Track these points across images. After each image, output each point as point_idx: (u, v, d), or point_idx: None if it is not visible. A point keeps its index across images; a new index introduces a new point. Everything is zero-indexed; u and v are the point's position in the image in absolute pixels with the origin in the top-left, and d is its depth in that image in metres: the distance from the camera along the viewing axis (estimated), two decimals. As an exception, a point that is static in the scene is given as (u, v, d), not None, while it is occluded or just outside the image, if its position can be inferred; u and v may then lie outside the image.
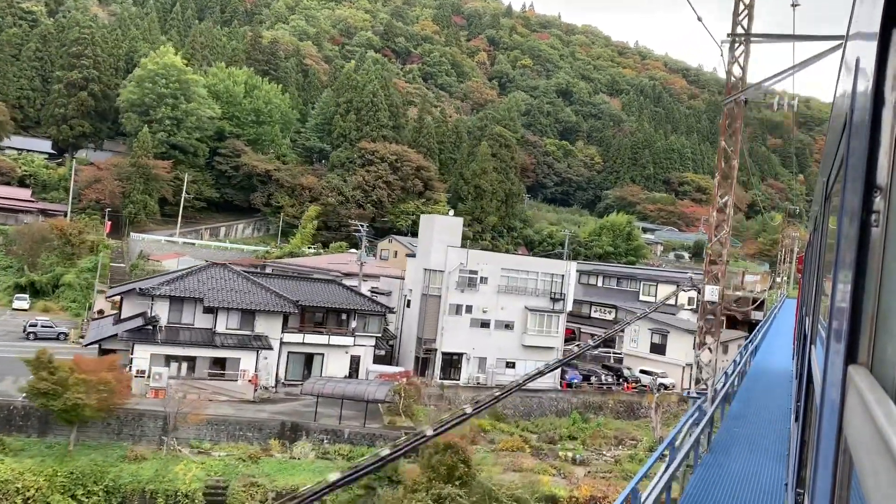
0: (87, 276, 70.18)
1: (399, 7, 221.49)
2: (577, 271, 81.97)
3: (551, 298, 58.89)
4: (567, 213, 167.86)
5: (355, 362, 51.96)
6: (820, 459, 2.26)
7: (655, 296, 72.06)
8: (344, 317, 51.57)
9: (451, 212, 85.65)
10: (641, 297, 73.52)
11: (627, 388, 60.82)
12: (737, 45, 20.98)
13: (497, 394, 19.35)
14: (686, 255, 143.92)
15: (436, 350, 54.21)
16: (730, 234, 23.88)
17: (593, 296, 77.50)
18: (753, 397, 22.39)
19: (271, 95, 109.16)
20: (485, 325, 56.21)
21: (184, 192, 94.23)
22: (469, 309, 55.47)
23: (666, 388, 62.41)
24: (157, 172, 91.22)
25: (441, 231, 56.21)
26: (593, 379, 59.98)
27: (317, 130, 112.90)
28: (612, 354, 69.02)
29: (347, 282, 60.78)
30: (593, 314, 76.47)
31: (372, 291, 61.08)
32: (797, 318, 20.01)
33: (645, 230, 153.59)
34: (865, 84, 1.80)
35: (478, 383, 54.41)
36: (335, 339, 50.88)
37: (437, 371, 54.26)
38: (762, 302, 79.58)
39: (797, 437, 6.82)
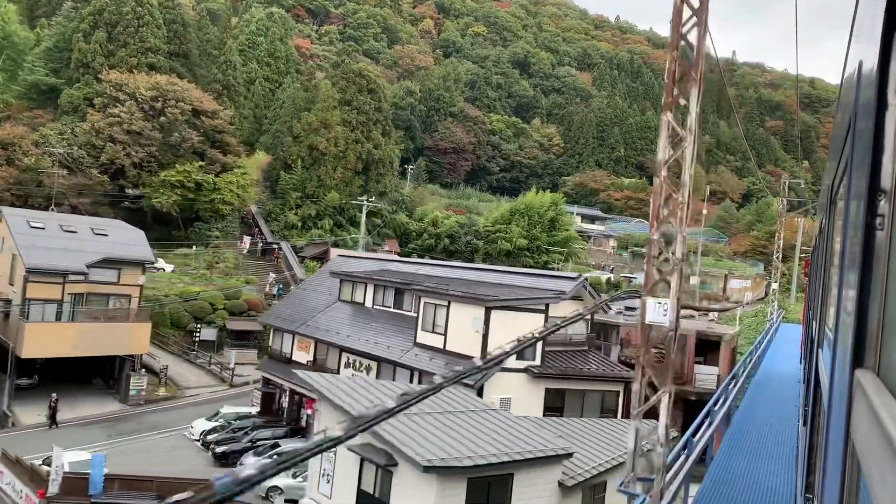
0: None
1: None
2: (336, 276, 36.81)
3: None
4: (510, 203, 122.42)
5: None
6: (828, 464, 2.11)
7: (445, 328, 27.08)
8: None
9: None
10: (420, 336, 28.34)
11: None
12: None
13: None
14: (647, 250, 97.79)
15: None
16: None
17: (360, 330, 32.45)
18: None
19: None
20: None
21: None
22: None
23: None
24: None
25: None
26: None
27: (50, 59, 68.66)
28: None
29: None
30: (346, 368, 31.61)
31: None
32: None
33: (593, 219, 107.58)
34: (869, 87, 1.67)
35: None
36: None
37: None
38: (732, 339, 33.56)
39: (806, 441, 6.46)
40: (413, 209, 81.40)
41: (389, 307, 32.62)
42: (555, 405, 26.87)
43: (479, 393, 25.10)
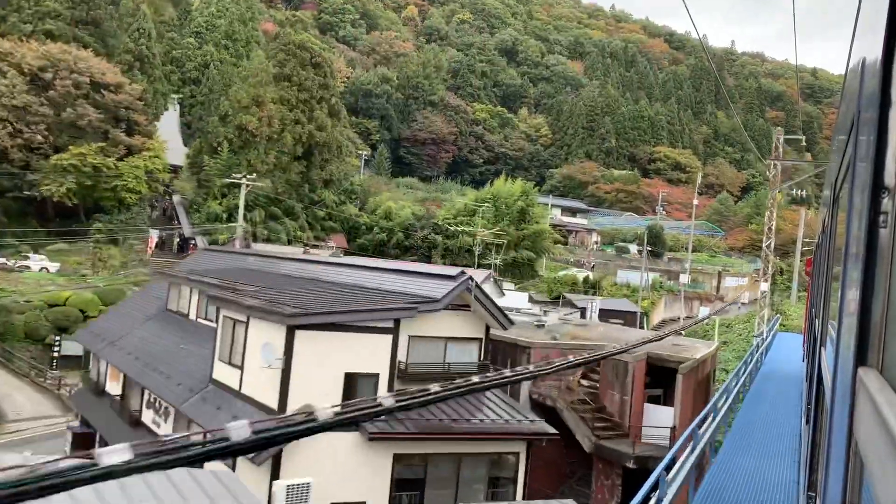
0: None
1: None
2: (165, 277, 26.69)
3: None
4: (475, 193, 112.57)
5: None
6: (831, 462, 2.07)
7: (242, 357, 17.09)
8: None
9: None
10: (217, 369, 18.29)
11: None
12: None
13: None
14: (633, 247, 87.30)
15: None
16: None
17: (166, 354, 22.42)
18: None
19: None
20: None
21: None
22: None
23: None
24: None
25: None
26: None
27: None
28: None
29: None
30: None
31: None
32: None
33: (574, 212, 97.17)
34: (872, 84, 1.65)
35: None
36: None
37: None
38: (704, 366, 22.89)
39: (808, 439, 6.24)
40: (367, 200, 71.42)
41: (213, 321, 22.54)
42: (411, 480, 16.69)
43: (276, 467, 14.99)
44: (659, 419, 20.02)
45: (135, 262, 49.70)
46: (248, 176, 46.36)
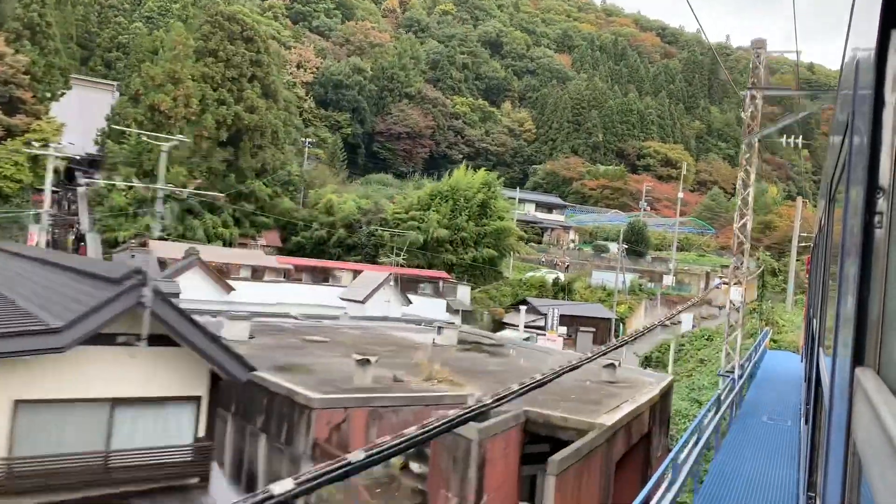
0: None
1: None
2: None
3: None
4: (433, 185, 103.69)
5: None
6: (829, 463, 2.05)
7: None
8: None
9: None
10: None
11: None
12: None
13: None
14: (613, 246, 77.98)
15: None
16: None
17: None
18: None
19: None
20: None
21: None
22: None
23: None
24: None
25: None
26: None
27: None
28: None
29: None
30: None
31: None
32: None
33: (550, 208, 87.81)
34: (866, 85, 1.65)
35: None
36: None
37: None
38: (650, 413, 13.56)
39: (807, 440, 6.08)
40: (308, 194, 62.45)
41: None
42: None
43: None
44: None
45: None
46: (56, 145, 37.30)
